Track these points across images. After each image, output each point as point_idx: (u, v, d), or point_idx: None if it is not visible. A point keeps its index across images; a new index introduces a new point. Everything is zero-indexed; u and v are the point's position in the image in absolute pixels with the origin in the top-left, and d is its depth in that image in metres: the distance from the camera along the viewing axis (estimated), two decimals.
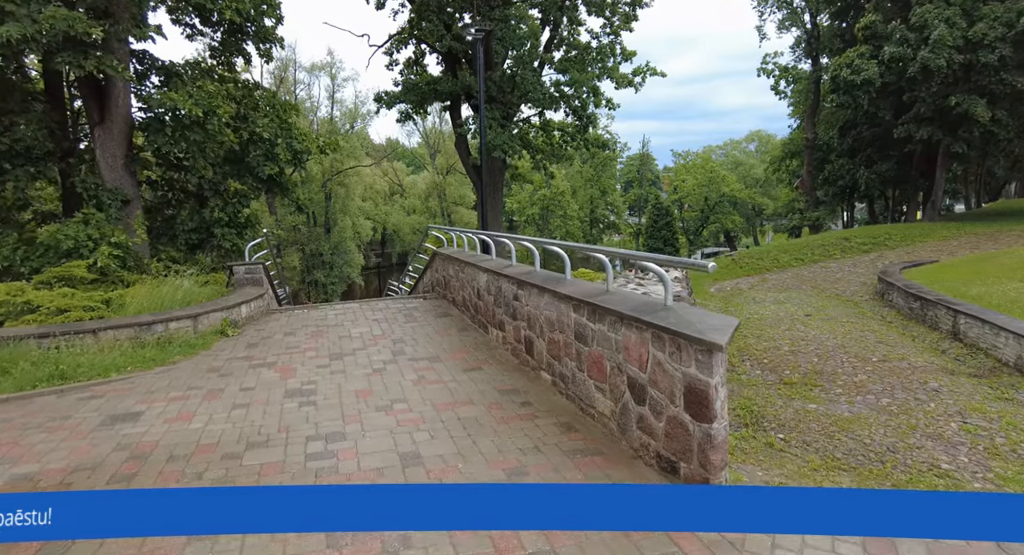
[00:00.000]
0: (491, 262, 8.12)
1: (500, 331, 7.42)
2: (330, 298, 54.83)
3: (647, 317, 4.07)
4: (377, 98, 23.37)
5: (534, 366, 6.28)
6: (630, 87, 22.99)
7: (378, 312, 9.98)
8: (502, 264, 7.82)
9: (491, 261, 8.27)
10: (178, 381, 6.35)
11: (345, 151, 55.24)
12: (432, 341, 7.89)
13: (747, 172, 68.44)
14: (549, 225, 54.90)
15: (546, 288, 5.82)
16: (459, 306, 9.71)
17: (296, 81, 59.28)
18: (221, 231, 13.43)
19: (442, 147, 65.74)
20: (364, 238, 60.88)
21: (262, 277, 10.55)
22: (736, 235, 74.45)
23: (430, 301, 10.95)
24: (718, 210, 62.71)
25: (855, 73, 24.67)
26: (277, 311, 10.51)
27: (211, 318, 8.45)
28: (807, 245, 25.25)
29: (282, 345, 7.92)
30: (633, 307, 4.38)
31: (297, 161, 14.82)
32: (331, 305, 10.86)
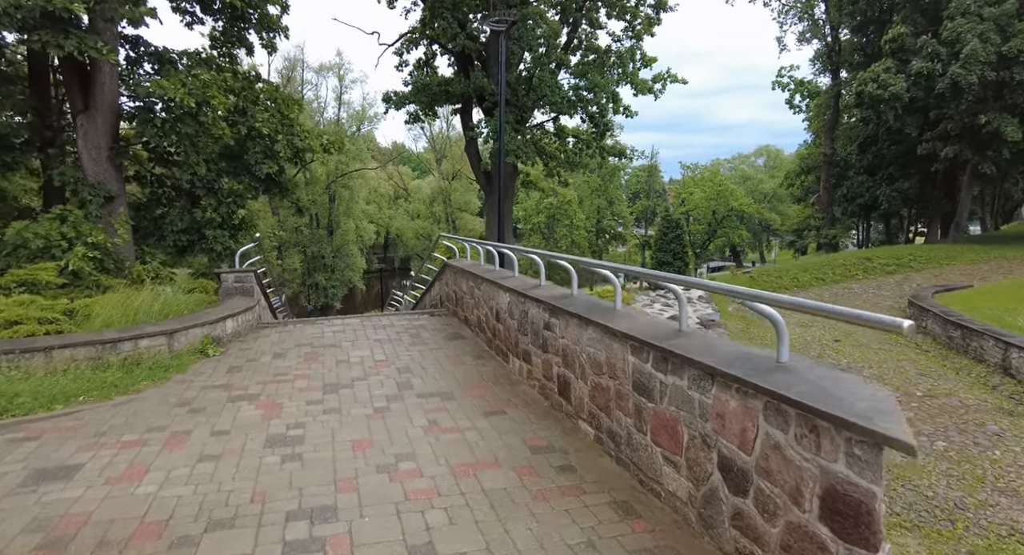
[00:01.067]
0: (514, 281, 6.99)
1: (524, 363, 6.28)
2: (331, 301, 53.71)
3: (756, 379, 2.93)
4: (386, 98, 22.36)
5: (570, 413, 5.14)
6: (649, 94, 21.95)
7: (381, 331, 8.84)
8: (528, 284, 6.69)
9: (514, 279, 7.14)
10: (137, 418, 5.19)
11: (351, 153, 54.30)
12: (444, 371, 6.74)
13: (755, 186, 67.53)
14: (555, 234, 53.81)
15: (591, 320, 4.69)
16: (472, 327, 8.57)
17: (304, 81, 58.40)
18: (213, 233, 12.31)
19: (448, 152, 64.79)
20: (367, 242, 59.78)
21: (253, 286, 9.42)
22: (742, 250, 73.40)
23: (439, 319, 9.81)
24: (726, 224, 61.64)
25: (881, 88, 23.63)
26: (269, 325, 9.37)
27: (190, 335, 7.31)
28: (827, 264, 24.13)
29: (269, 370, 6.77)
30: (729, 359, 3.25)
31: (298, 160, 13.72)
32: (329, 320, 9.72)
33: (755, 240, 71.78)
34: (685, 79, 22.09)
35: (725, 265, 73.80)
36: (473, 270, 8.45)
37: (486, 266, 8.65)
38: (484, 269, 8.42)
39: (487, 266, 8.64)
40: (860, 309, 2.93)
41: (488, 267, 8.55)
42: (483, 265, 8.84)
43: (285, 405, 5.57)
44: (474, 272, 8.31)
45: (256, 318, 9.28)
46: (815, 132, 39.15)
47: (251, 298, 9.27)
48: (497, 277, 7.41)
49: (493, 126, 19.47)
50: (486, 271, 8.15)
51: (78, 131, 10.83)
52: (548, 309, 5.61)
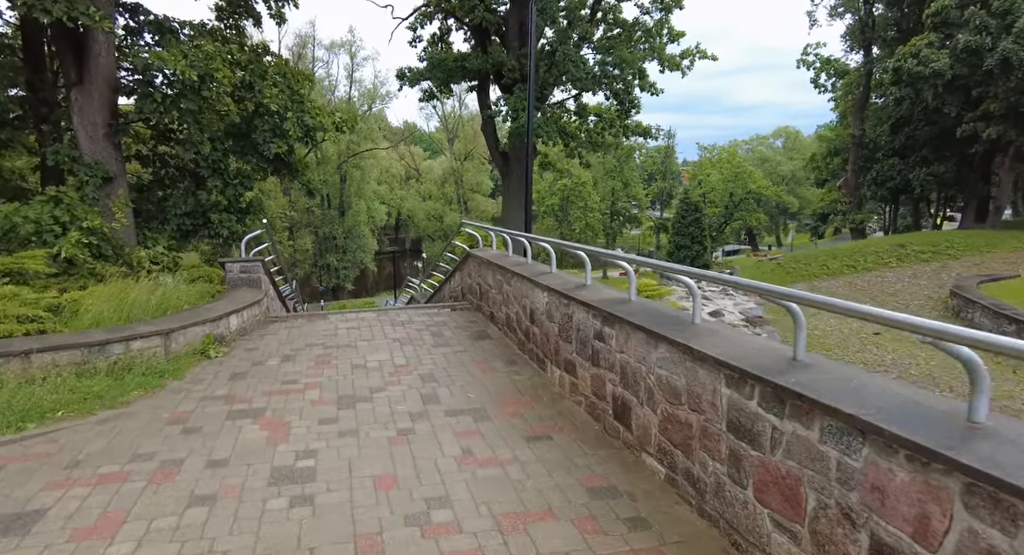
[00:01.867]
0: (553, 278, 6.11)
1: (567, 374, 5.44)
2: (342, 283, 53.17)
3: (951, 450, 2.06)
4: (400, 74, 21.31)
5: (631, 443, 4.30)
6: (677, 71, 20.73)
7: (399, 328, 8.02)
8: (569, 282, 5.82)
9: (551, 276, 6.26)
10: (122, 441, 4.42)
11: (362, 133, 53.24)
12: (473, 380, 5.92)
13: (773, 169, 65.80)
14: (568, 216, 52.66)
15: (663, 336, 3.82)
16: (500, 325, 7.73)
17: (315, 59, 57.10)
18: (219, 216, 11.50)
19: (460, 132, 63.48)
20: (378, 223, 58.98)
21: (260, 277, 8.62)
22: (758, 233, 71.85)
23: (461, 314, 8.98)
24: (743, 207, 60.13)
25: (922, 64, 22.24)
26: (278, 320, 8.58)
27: (189, 334, 6.53)
28: (858, 251, 23.03)
29: (276, 377, 5.98)
30: (888, 410, 2.37)
31: (309, 138, 12.81)
32: (343, 315, 8.91)
33: (771, 223, 70.21)
34: (715, 55, 20.85)
35: (740, 249, 72.27)
36: (501, 263, 7.57)
37: (516, 258, 7.78)
38: (514, 262, 7.55)
39: (517, 258, 7.76)
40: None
41: (518, 259, 7.67)
42: (512, 257, 7.97)
43: (294, 424, 4.78)
44: (503, 265, 7.44)
45: (264, 312, 8.50)
46: (842, 113, 37.59)
47: (258, 290, 8.48)
48: (532, 273, 6.54)
49: (512, 103, 18.43)
50: (517, 265, 7.28)
51: (72, 106, 9.99)
52: (601, 316, 4.74)
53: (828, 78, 38.32)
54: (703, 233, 39.19)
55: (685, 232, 38.57)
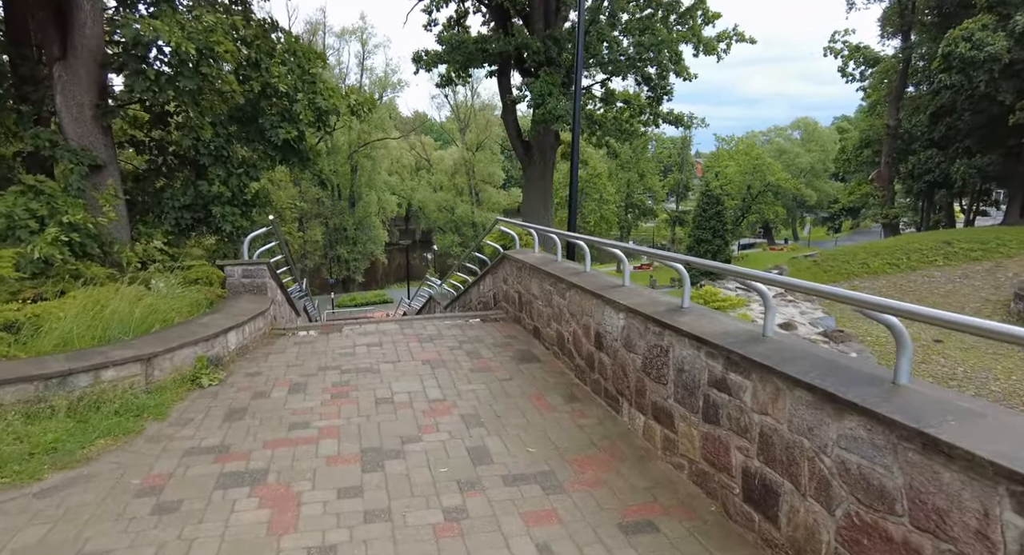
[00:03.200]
0: (630, 295, 4.82)
1: (659, 425, 4.16)
2: (352, 275, 52.10)
3: None
4: (416, 58, 19.95)
5: (778, 543, 3.02)
6: (712, 54, 19.23)
7: (428, 345, 6.75)
8: (659, 302, 4.52)
9: (623, 290, 4.97)
10: (65, 529, 3.18)
11: (373, 122, 51.94)
12: (529, 424, 4.64)
13: (791, 161, 63.91)
14: (583, 209, 51.21)
15: (856, 406, 2.52)
16: (548, 344, 6.45)
17: (325, 46, 55.81)
18: (221, 210, 10.26)
19: (472, 122, 62.01)
20: (389, 214, 57.80)
21: (266, 283, 7.38)
22: (774, 227, 70.04)
23: (496, 326, 7.70)
24: (760, 200, 58.46)
25: (976, 47, 20.59)
26: (286, 333, 7.34)
27: (177, 357, 5.30)
28: (900, 248, 21.52)
29: (282, 416, 4.74)
30: None
31: (321, 123, 11.51)
32: (360, 326, 7.63)
33: (788, 216, 68.41)
34: (753, 38, 19.31)
35: (756, 242, 70.50)
36: (552, 270, 6.27)
37: (568, 265, 6.48)
38: (567, 270, 6.25)
39: (570, 265, 6.46)
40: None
41: (572, 267, 6.37)
42: (563, 263, 6.67)
43: (305, 497, 3.52)
44: (555, 273, 6.14)
45: (269, 324, 7.26)
46: (871, 103, 35.81)
47: (263, 298, 7.24)
48: (598, 286, 5.23)
49: (538, 88, 17.03)
50: (572, 273, 5.98)
51: (56, 84, 8.75)
52: (723, 358, 3.44)
53: (857, 66, 36.53)
54: (724, 227, 37.69)
55: (706, 226, 37.08)
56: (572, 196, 9.26)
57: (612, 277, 5.55)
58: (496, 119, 60.40)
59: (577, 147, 9.24)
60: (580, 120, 17.32)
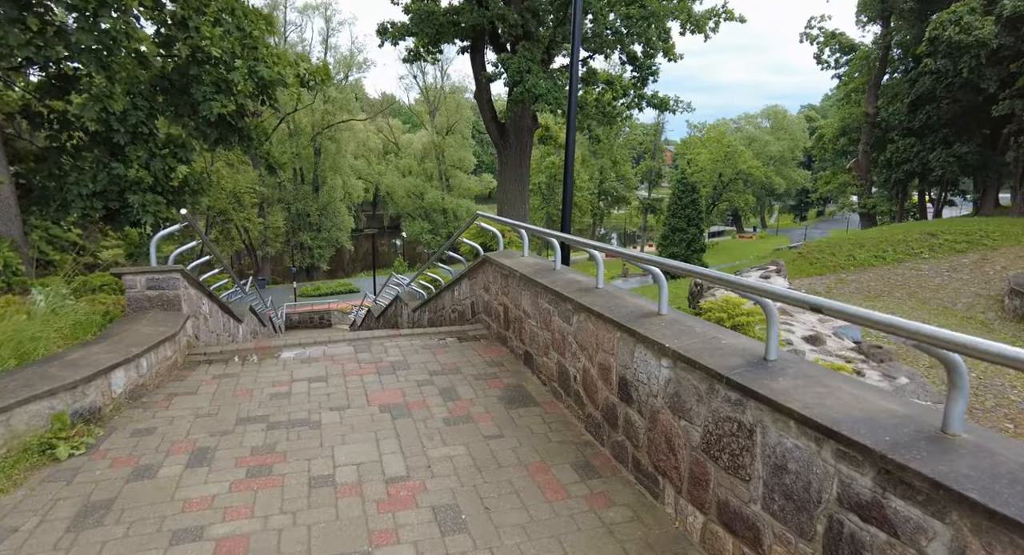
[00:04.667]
0: (690, 336, 3.35)
1: (734, 538, 2.73)
2: (316, 262, 49.69)
3: None
4: (381, 30, 18.02)
5: None
6: (699, 33, 17.84)
7: (388, 377, 5.20)
8: (733, 351, 3.07)
9: (669, 324, 3.51)
10: None
11: (338, 103, 49.30)
12: (532, 520, 3.16)
13: (761, 148, 63.65)
14: (555, 195, 49.73)
15: None
16: (545, 376, 4.97)
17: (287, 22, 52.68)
18: (140, 198, 8.43)
19: (442, 105, 59.67)
20: (355, 199, 55.32)
21: (179, 294, 5.67)
22: (743, 215, 69.99)
23: (476, 346, 6.19)
24: (731, 188, 58.03)
25: (964, 31, 19.71)
26: (207, 359, 5.66)
27: (18, 419, 3.63)
28: (884, 239, 20.74)
29: (164, 522, 3.13)
30: None
31: (266, 96, 9.68)
32: (304, 350, 5.97)
33: (757, 204, 68.43)
34: (743, 17, 17.96)
35: (725, 230, 70.39)
36: (551, 284, 4.77)
37: (573, 277, 4.98)
38: (572, 284, 4.76)
39: (575, 277, 4.96)
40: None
41: (577, 280, 4.88)
42: (563, 272, 5.17)
43: None
44: (555, 288, 4.64)
45: (184, 348, 5.58)
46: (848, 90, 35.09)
47: (174, 316, 5.55)
48: (625, 315, 3.75)
49: (516, 64, 15.37)
50: (580, 290, 4.49)
51: None
52: (872, 466, 2.02)
53: (832, 54, 35.80)
54: (700, 215, 36.79)
55: (681, 214, 36.13)
56: (567, 190, 7.75)
57: (639, 299, 4.08)
58: (467, 102, 58.26)
59: (573, 134, 7.73)
60: (564, 100, 15.75)
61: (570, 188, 7.73)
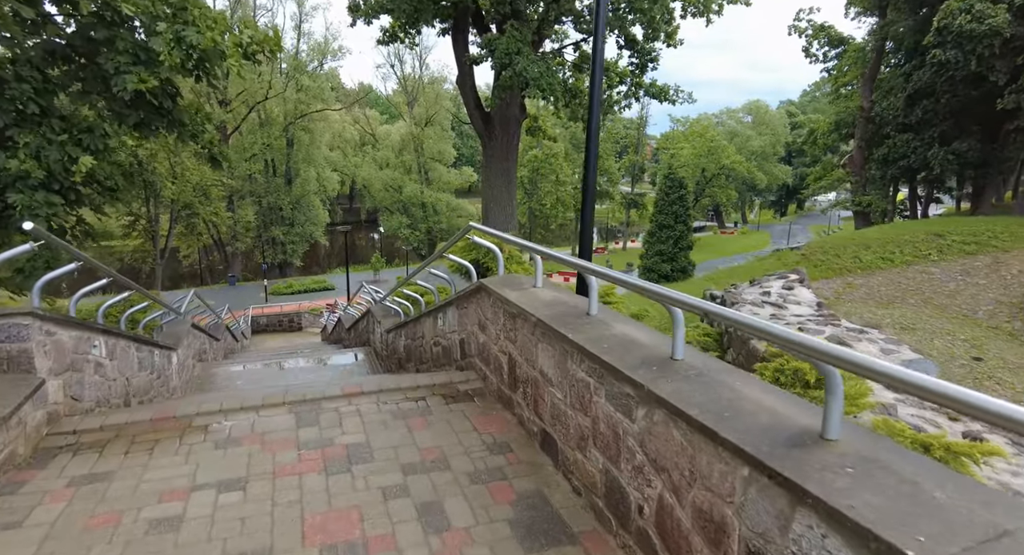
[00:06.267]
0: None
1: None
2: (289, 258, 47.21)
3: None
4: (353, 6, 16.03)
5: None
6: (701, 17, 16.20)
7: (339, 476, 3.41)
8: None
9: (868, 475, 1.80)
10: None
11: (311, 91, 46.69)
12: None
13: (743, 143, 62.73)
14: (539, 190, 48.01)
15: None
16: (579, 479, 3.24)
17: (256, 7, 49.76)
18: (26, 197, 6.45)
19: (421, 95, 57.26)
20: (330, 192, 52.80)
21: (31, 348, 3.78)
22: (724, 210, 69.16)
23: (466, 409, 4.43)
24: (715, 183, 56.97)
25: (976, 20, 18.43)
26: (72, 445, 3.79)
27: None
28: (890, 240, 19.48)
29: None
30: None
31: (201, 70, 7.71)
32: (223, 422, 4.12)
33: (739, 199, 67.65)
34: (748, 0, 16.37)
35: (706, 225, 69.45)
36: (592, 348, 3.02)
37: (634, 336, 3.21)
38: (634, 349, 3.01)
39: (637, 336, 3.19)
40: None
41: (641, 341, 3.12)
42: (608, 319, 3.42)
43: None
44: (605, 360, 2.89)
45: (32, 431, 3.70)
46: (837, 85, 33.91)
47: (18, 381, 3.67)
48: (757, 438, 2.02)
49: (503, 46, 13.52)
50: (650, 366, 2.75)
51: None
52: None
53: (821, 47, 34.63)
54: (687, 211, 35.42)
55: (668, 211, 34.69)
56: (587, 199, 5.98)
57: (775, 394, 2.36)
58: (447, 93, 56.03)
59: (596, 129, 6.00)
60: (557, 87, 13.96)
61: (591, 197, 5.99)
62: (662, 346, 2.93)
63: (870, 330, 7.96)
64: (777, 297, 10.50)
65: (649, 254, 35.05)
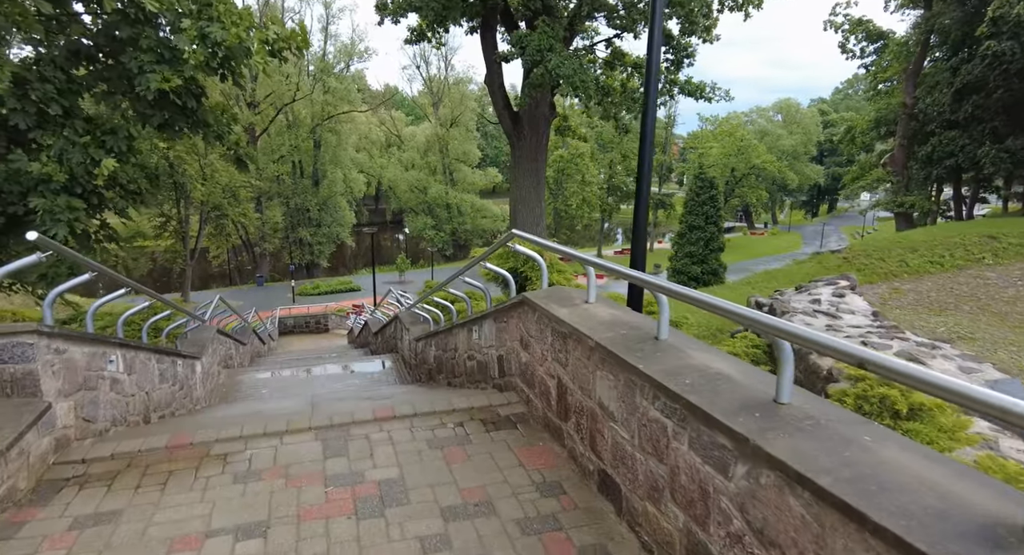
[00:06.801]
0: None
1: None
2: (316, 259, 47.50)
3: None
4: (381, 5, 15.72)
5: None
6: (741, 10, 15.49)
7: (370, 521, 2.97)
8: None
9: None
10: None
11: (338, 93, 46.90)
12: None
13: (774, 142, 61.09)
14: (564, 191, 47.38)
15: None
16: (652, 538, 2.75)
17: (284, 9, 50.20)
18: (48, 201, 6.21)
19: (446, 96, 57.19)
20: (356, 193, 52.99)
21: (36, 370, 3.43)
22: (754, 211, 67.55)
23: (509, 437, 3.97)
24: (744, 183, 55.59)
25: None
26: (80, 477, 3.44)
27: None
28: (939, 243, 18.44)
29: None
30: None
31: (226, 68, 7.42)
32: (243, 450, 3.75)
33: (769, 200, 65.98)
34: None
35: (735, 226, 67.93)
36: (674, 387, 2.53)
37: (723, 370, 2.71)
38: (723, 387, 2.51)
39: (726, 371, 2.69)
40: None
41: (733, 377, 2.62)
42: (684, 346, 2.92)
43: None
44: (695, 403, 2.40)
45: (36, 461, 3.35)
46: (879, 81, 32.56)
47: (21, 407, 3.33)
48: None
49: (535, 43, 13.04)
50: (750, 412, 2.24)
51: None
52: None
53: (858, 42, 33.33)
54: (718, 212, 34.44)
55: (699, 211, 33.77)
56: (640, 207, 5.48)
57: (948, 465, 1.84)
58: (472, 93, 55.82)
59: (653, 125, 5.51)
60: (591, 84, 13.42)
61: (644, 205, 5.47)
62: (759, 384, 2.42)
63: (942, 345, 7.27)
64: (828, 305, 9.81)
65: (679, 256, 34.19)
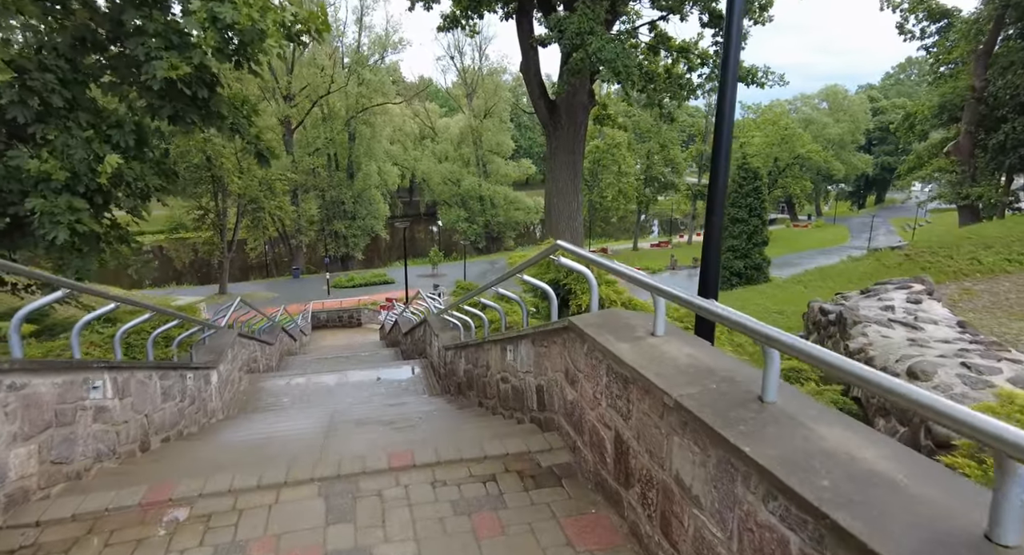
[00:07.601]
0: None
1: None
2: (351, 251, 47.56)
3: None
4: None
5: None
6: None
7: None
8: None
9: None
10: None
11: (372, 85, 46.59)
12: None
13: (819, 131, 58.25)
14: (600, 183, 46.09)
15: None
16: None
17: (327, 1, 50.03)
18: (47, 202, 5.69)
19: (480, 87, 56.33)
20: (390, 186, 52.81)
21: None
22: (797, 202, 64.76)
23: (552, 501, 3.19)
24: (788, 173, 53.15)
25: None
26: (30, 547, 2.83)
27: None
28: (1016, 238, 16.74)
29: None
30: None
31: (241, 55, 6.80)
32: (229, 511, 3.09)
33: (812, 191, 63.10)
34: None
35: (778, 218, 65.25)
36: (825, 506, 1.70)
37: (873, 463, 1.85)
38: (875, 494, 1.65)
39: (879, 467, 1.84)
40: None
41: (881, 475, 1.77)
42: (806, 419, 2.08)
43: None
44: (858, 538, 1.57)
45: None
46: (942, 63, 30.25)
47: None
48: None
49: (575, 25, 12.08)
50: None
51: None
52: None
53: (918, 22, 30.97)
54: (762, 204, 32.76)
55: (742, 203, 32.18)
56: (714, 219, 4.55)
57: None
58: (506, 84, 54.84)
59: (733, 109, 4.59)
60: (634, 69, 12.40)
61: (718, 220, 4.55)
62: (936, 493, 1.57)
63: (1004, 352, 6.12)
64: (904, 313, 8.67)
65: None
